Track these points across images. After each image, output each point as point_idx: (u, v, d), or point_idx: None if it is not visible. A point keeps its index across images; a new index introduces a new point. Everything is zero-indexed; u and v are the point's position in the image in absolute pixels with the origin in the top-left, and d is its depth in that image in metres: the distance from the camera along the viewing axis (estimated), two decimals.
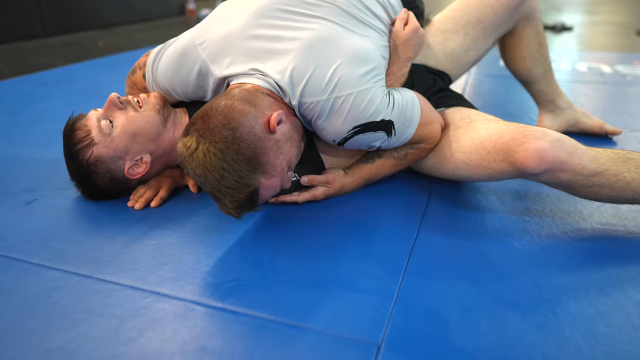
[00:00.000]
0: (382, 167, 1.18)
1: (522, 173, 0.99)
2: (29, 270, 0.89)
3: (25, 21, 3.67)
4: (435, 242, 0.99)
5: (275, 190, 0.98)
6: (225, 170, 0.87)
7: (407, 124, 1.07)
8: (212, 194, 0.91)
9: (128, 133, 1.07)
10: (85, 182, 1.09)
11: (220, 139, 0.87)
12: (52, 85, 2.24)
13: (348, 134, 1.01)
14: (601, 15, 5.80)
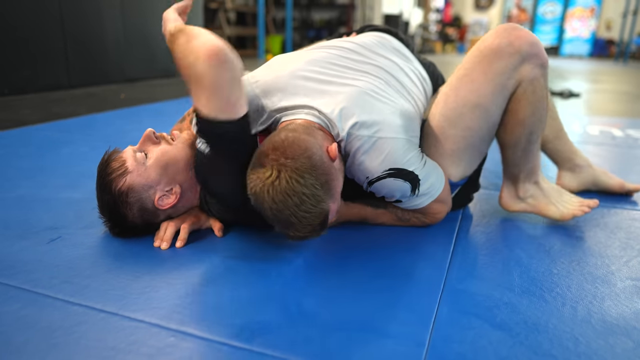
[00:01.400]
0: (381, 216, 1.25)
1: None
2: (54, 305, 0.88)
3: (51, 72, 3.84)
4: (463, 290, 0.97)
5: (334, 216, 1.02)
6: (305, 196, 0.92)
7: (430, 190, 1.14)
8: (287, 221, 0.94)
9: (161, 164, 1.11)
10: (115, 213, 1.09)
11: (301, 166, 0.93)
12: (76, 132, 2.31)
13: (382, 174, 1.07)
14: (605, 84, 5.98)
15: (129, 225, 1.11)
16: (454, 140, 1.20)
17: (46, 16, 3.72)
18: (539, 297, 0.96)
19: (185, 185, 1.15)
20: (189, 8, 1.20)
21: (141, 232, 1.15)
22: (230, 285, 0.96)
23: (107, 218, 1.12)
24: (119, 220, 1.11)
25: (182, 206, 1.17)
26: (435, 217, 1.25)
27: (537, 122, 1.19)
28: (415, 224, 1.27)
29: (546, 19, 15.41)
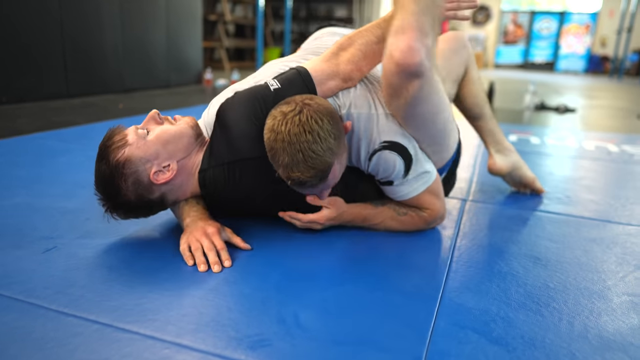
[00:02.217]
0: (381, 214, 1.29)
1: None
2: (47, 316, 0.87)
3: (50, 82, 3.85)
4: (460, 304, 0.97)
5: (335, 180, 1.09)
6: (319, 137, 1.00)
7: (422, 175, 1.23)
8: (294, 156, 1.00)
9: (161, 140, 1.14)
10: (109, 185, 1.09)
11: (323, 110, 1.03)
12: (73, 141, 2.31)
13: (379, 146, 1.17)
14: (600, 100, 6.03)
15: (122, 200, 1.11)
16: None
17: (46, 26, 3.74)
18: (535, 312, 0.95)
19: (182, 162, 1.16)
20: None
21: (133, 212, 1.15)
22: (227, 297, 0.96)
23: (101, 191, 1.11)
24: (112, 194, 1.10)
25: (178, 187, 1.17)
26: (433, 211, 1.29)
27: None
28: (414, 220, 1.29)
29: (542, 35, 15.59)
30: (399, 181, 1.22)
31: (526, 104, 4.63)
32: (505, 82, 8.31)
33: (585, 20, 14.98)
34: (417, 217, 1.29)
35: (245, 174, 1.16)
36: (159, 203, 1.17)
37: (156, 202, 1.16)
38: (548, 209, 1.60)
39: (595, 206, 1.65)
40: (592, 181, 2.00)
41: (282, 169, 1.03)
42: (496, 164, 1.67)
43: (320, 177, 1.03)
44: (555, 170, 2.17)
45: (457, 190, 1.77)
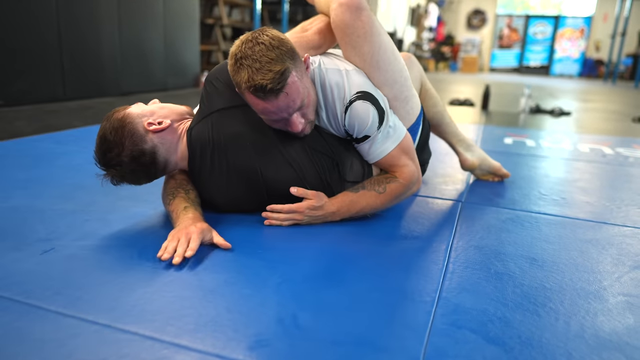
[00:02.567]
0: (362, 196, 1.34)
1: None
2: (46, 317, 0.87)
3: (47, 84, 3.84)
4: (457, 304, 0.97)
5: (299, 95, 1.16)
6: (272, 46, 1.10)
7: (393, 132, 1.33)
8: (251, 67, 1.09)
9: (158, 105, 1.34)
10: (106, 140, 1.21)
11: (277, 34, 1.15)
12: (70, 144, 2.31)
13: (353, 97, 1.26)
14: (595, 103, 6.08)
15: (119, 154, 1.20)
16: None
17: (43, 29, 3.73)
18: (532, 312, 0.96)
19: (174, 125, 1.30)
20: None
21: (128, 170, 1.23)
22: (225, 297, 0.96)
23: (100, 148, 1.22)
24: (111, 146, 1.20)
25: (169, 144, 1.28)
26: (406, 172, 1.36)
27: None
28: (394, 191, 1.36)
29: (537, 39, 15.69)
30: (373, 135, 1.30)
31: (521, 107, 4.66)
32: (500, 86, 8.36)
33: (580, 24, 15.09)
34: (395, 186, 1.36)
35: (226, 121, 1.29)
36: (151, 157, 1.24)
37: (148, 154, 1.23)
38: (544, 210, 1.61)
39: (590, 208, 1.67)
40: (587, 183, 2.02)
41: (245, 84, 1.11)
42: (468, 160, 1.84)
43: (279, 80, 1.10)
44: (550, 173, 2.19)
45: (452, 191, 1.79)
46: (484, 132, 3.29)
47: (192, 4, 5.71)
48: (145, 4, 4.92)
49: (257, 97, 1.13)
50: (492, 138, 3.05)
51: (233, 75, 1.15)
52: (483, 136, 3.10)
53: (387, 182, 1.36)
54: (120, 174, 1.24)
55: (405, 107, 1.41)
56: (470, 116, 4.18)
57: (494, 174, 1.92)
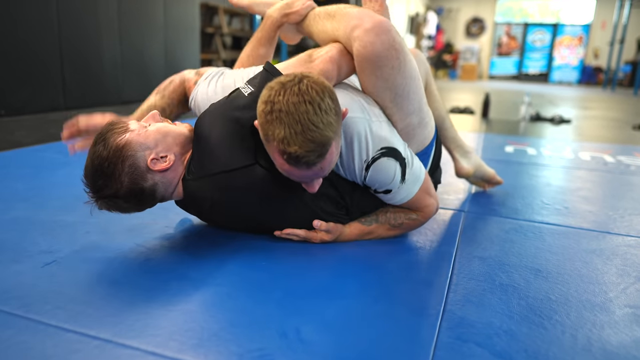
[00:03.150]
0: (375, 230, 1.32)
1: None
2: (46, 332, 0.86)
3: (48, 94, 3.85)
4: (462, 317, 0.96)
5: (330, 167, 1.03)
6: (320, 108, 0.95)
7: (415, 177, 1.24)
8: (291, 128, 0.94)
9: (162, 132, 1.15)
10: (102, 170, 1.06)
11: (323, 83, 0.99)
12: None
13: (376, 154, 1.15)
14: (595, 111, 6.09)
15: (114, 186, 1.06)
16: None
17: (44, 39, 3.75)
18: (538, 325, 0.95)
19: (178, 159, 1.16)
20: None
21: (121, 202, 1.10)
22: (228, 311, 0.95)
23: (92, 175, 1.07)
24: (106, 177, 1.06)
25: (169, 182, 1.15)
26: (427, 212, 1.32)
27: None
28: (410, 226, 1.34)
29: (535, 47, 15.76)
30: (396, 188, 1.23)
31: (522, 115, 4.67)
32: (500, 93, 8.38)
33: (578, 32, 15.17)
34: (413, 223, 1.34)
35: (227, 186, 1.14)
36: (150, 195, 1.12)
37: (147, 192, 1.11)
38: (547, 220, 1.61)
39: (593, 217, 1.66)
40: (589, 192, 2.01)
41: (278, 143, 0.96)
42: (464, 167, 1.81)
43: (319, 153, 0.96)
44: (552, 181, 2.18)
45: (454, 201, 1.78)
46: (484, 140, 3.29)
47: (192, 13, 5.74)
48: (146, 14, 4.94)
49: (283, 159, 0.99)
50: (492, 146, 3.05)
51: (264, 123, 0.98)
52: (484, 144, 3.10)
53: (406, 217, 1.32)
54: (112, 206, 1.11)
55: (424, 132, 1.33)
56: (470, 124, 4.19)
57: (487, 182, 1.90)
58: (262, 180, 1.12)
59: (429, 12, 14.70)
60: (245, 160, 1.11)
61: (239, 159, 1.12)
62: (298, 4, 1.38)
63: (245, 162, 1.11)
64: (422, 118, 1.29)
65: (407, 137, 1.28)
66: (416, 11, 14.11)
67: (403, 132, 1.27)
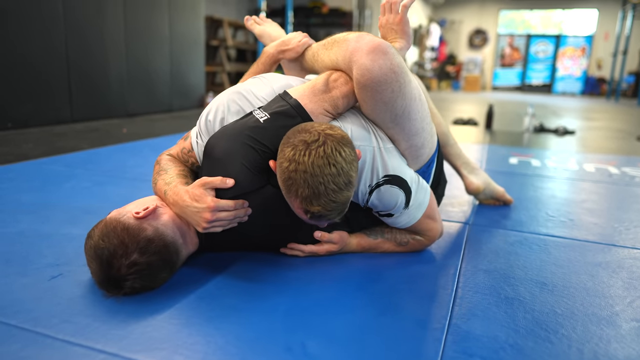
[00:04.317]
0: (381, 245, 1.34)
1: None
2: (54, 345, 0.86)
3: (55, 107, 3.89)
4: (467, 331, 0.96)
5: (344, 212, 1.06)
6: (343, 171, 0.98)
7: (419, 203, 1.25)
8: (316, 189, 0.97)
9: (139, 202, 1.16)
10: (106, 251, 0.99)
11: (345, 141, 1.02)
12: (78, 166, 2.32)
13: (380, 180, 1.17)
14: (599, 122, 6.08)
15: (123, 259, 0.99)
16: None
17: (51, 53, 3.80)
18: (544, 339, 0.95)
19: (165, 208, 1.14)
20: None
21: (143, 275, 1.01)
22: (234, 325, 0.95)
23: (98, 267, 1.00)
24: (111, 257, 0.99)
25: (173, 227, 1.10)
26: (431, 235, 1.34)
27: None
28: (415, 247, 1.35)
29: (538, 58, 15.81)
30: (399, 213, 1.23)
31: (525, 126, 4.67)
32: (503, 105, 8.39)
33: (581, 43, 15.21)
34: (418, 244, 1.35)
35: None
36: (161, 242, 1.05)
37: (157, 240, 1.04)
38: (552, 232, 1.60)
39: (599, 229, 1.65)
40: (594, 204, 2.00)
41: (301, 201, 0.99)
42: (473, 182, 1.81)
43: (340, 211, 1.02)
44: (557, 193, 2.18)
45: (459, 213, 1.78)
46: (488, 151, 3.29)
47: (197, 26, 5.81)
48: (152, 27, 5.00)
49: (305, 215, 1.02)
50: (497, 158, 3.05)
51: (287, 180, 1.00)
52: (488, 156, 3.10)
53: (411, 237, 1.34)
54: (137, 276, 1.00)
55: (427, 152, 1.30)
56: (474, 135, 4.19)
57: (497, 199, 1.89)
58: (274, 199, 1.13)
59: (432, 24, 14.80)
60: (259, 182, 1.12)
61: (252, 181, 1.12)
62: (294, 42, 1.40)
63: (259, 184, 1.13)
64: (425, 139, 1.26)
65: (411, 157, 1.27)
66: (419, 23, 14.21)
67: (407, 153, 1.26)
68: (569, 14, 15.17)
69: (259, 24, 1.62)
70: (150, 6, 4.94)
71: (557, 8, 15.17)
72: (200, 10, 5.85)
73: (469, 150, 3.27)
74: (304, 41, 1.40)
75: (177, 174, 1.20)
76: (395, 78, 1.11)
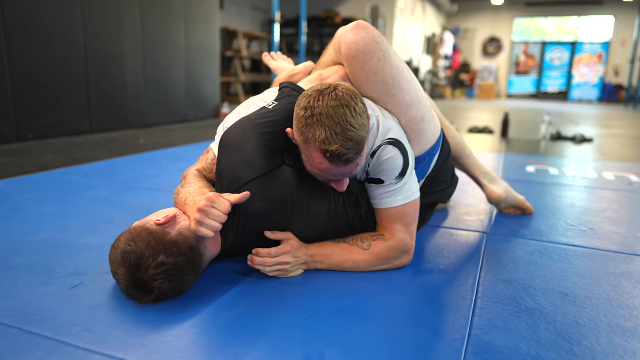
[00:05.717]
0: (345, 249, 1.25)
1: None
2: (75, 354, 0.87)
3: (74, 119, 3.96)
4: (488, 342, 0.95)
5: (361, 163, 1.11)
6: (355, 111, 1.05)
7: (406, 190, 1.26)
8: (332, 129, 1.03)
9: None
10: (132, 254, 1.00)
11: (356, 92, 1.09)
12: (96, 176, 2.36)
13: (383, 142, 1.21)
14: (617, 129, 5.99)
15: (150, 260, 0.99)
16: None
17: (71, 65, 3.88)
18: (567, 351, 0.93)
19: (182, 217, 1.14)
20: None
21: (170, 277, 1.01)
22: (253, 334, 0.95)
23: (126, 272, 1.01)
24: (138, 260, 0.99)
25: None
26: (399, 238, 1.25)
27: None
28: (379, 250, 1.24)
29: (554, 65, 15.67)
30: (389, 182, 1.23)
31: (542, 134, 4.62)
32: (518, 112, 8.32)
33: (597, 49, 15.04)
34: (381, 245, 1.25)
35: (264, 192, 1.16)
36: (185, 242, 1.06)
37: (181, 241, 1.05)
38: (572, 242, 1.58)
39: (620, 239, 1.62)
40: (615, 213, 1.97)
41: (319, 143, 1.04)
42: (495, 192, 1.81)
43: (356, 150, 1.05)
44: (576, 202, 2.14)
45: (476, 222, 1.76)
46: (504, 160, 3.26)
47: (213, 38, 5.88)
48: (168, 39, 5.08)
49: (325, 157, 1.05)
50: (513, 166, 3.02)
51: (304, 127, 1.06)
52: (504, 164, 3.08)
53: (372, 239, 1.26)
54: (165, 276, 1.00)
55: (429, 128, 1.36)
56: (489, 144, 4.16)
57: (517, 208, 1.88)
58: (291, 177, 1.20)
59: (445, 32, 14.79)
60: (275, 162, 1.18)
61: (269, 162, 1.17)
62: (300, 67, 1.55)
63: (275, 164, 1.18)
64: (424, 112, 1.33)
65: (414, 133, 1.33)
66: (432, 32, 14.21)
67: (408, 127, 1.32)
68: (585, 20, 15.03)
69: (274, 60, 1.79)
70: (167, 18, 5.03)
71: (572, 15, 15.05)
72: (216, 21, 5.93)
73: (484, 158, 3.25)
74: (310, 64, 1.55)
75: (201, 186, 1.23)
76: (378, 47, 1.25)
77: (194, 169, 1.33)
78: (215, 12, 5.90)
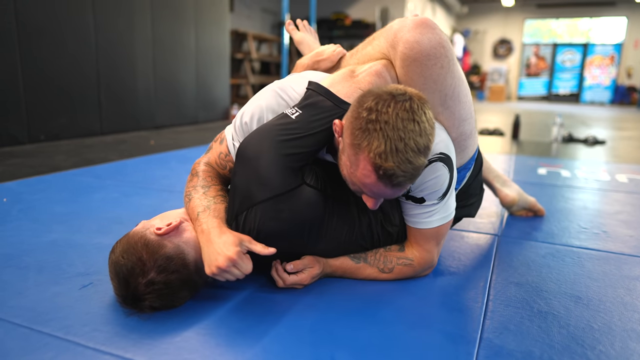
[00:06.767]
0: (362, 270, 1.20)
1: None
2: (85, 354, 0.87)
3: (85, 120, 4.00)
4: (500, 346, 0.93)
5: (407, 187, 0.98)
6: (425, 132, 0.90)
7: (444, 211, 1.16)
8: (394, 144, 0.87)
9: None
10: (124, 267, 0.99)
11: (430, 110, 0.93)
12: (107, 178, 2.37)
13: (434, 157, 1.07)
14: (630, 131, 5.91)
15: (141, 276, 0.98)
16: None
17: (83, 68, 3.92)
18: (581, 355, 0.91)
19: (187, 224, 1.11)
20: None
21: (161, 294, 1.00)
22: (261, 337, 0.95)
23: (117, 283, 1.00)
24: (129, 274, 0.98)
25: (195, 245, 1.07)
26: (426, 260, 1.20)
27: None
28: (403, 272, 1.21)
29: (565, 67, 15.52)
30: (431, 202, 1.12)
31: (554, 136, 4.57)
32: (529, 114, 8.25)
33: (610, 51, 14.87)
34: (405, 269, 1.21)
35: (276, 214, 1.06)
36: (181, 261, 1.02)
37: (177, 259, 1.01)
38: (585, 245, 1.55)
39: (635, 242, 1.60)
40: (629, 215, 1.94)
41: (374, 155, 0.89)
42: (509, 195, 1.78)
43: (412, 176, 0.92)
44: (589, 205, 2.12)
45: (488, 225, 1.74)
46: (515, 162, 3.23)
47: (223, 40, 5.91)
48: (179, 42, 5.11)
49: (375, 173, 0.91)
50: (525, 169, 2.99)
51: (359, 130, 0.91)
52: (515, 167, 3.05)
53: (398, 262, 1.20)
54: (155, 295, 0.98)
55: (473, 143, 1.24)
56: (500, 146, 4.13)
57: (528, 210, 1.86)
58: (311, 199, 1.08)
59: (455, 34, 14.73)
60: (293, 182, 1.06)
61: (285, 181, 1.05)
62: (328, 51, 1.37)
63: (294, 184, 1.06)
64: (472, 127, 1.20)
65: (459, 148, 1.19)
66: None
67: (456, 143, 1.18)
68: (597, 22, 14.88)
69: (299, 30, 1.57)
70: (178, 21, 5.06)
71: (584, 16, 14.90)
72: (226, 24, 5.96)
73: (495, 160, 3.22)
74: (339, 51, 1.36)
75: (216, 195, 1.15)
76: (444, 53, 1.06)
77: (205, 162, 1.23)
78: (225, 15, 5.93)
